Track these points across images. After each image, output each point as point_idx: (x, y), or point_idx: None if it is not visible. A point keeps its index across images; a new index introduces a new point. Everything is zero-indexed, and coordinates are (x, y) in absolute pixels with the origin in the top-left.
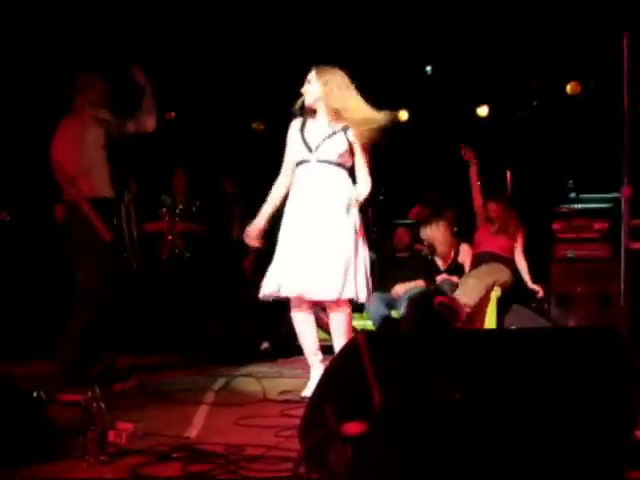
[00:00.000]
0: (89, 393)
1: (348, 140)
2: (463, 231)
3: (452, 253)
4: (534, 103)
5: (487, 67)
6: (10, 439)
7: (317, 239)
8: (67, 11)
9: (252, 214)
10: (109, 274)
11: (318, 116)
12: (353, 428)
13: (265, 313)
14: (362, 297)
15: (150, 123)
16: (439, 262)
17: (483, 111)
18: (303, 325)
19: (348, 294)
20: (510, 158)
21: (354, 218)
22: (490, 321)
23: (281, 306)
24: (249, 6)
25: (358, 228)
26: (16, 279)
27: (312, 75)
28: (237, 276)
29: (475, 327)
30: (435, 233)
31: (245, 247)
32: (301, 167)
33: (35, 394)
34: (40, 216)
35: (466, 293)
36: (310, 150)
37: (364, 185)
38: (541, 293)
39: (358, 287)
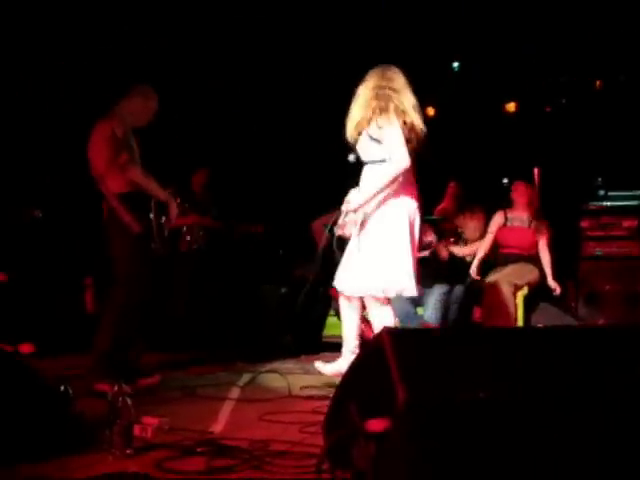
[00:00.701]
0: (115, 388)
1: (369, 137)
2: None
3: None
4: (563, 99)
5: (514, 63)
6: (36, 431)
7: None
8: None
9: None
10: (139, 265)
11: None
12: (376, 425)
13: (288, 309)
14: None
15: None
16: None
17: (511, 107)
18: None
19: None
20: (538, 155)
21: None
22: (518, 319)
23: (303, 302)
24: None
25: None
26: (48, 276)
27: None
28: (259, 271)
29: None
30: (474, 223)
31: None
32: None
33: (62, 388)
34: (73, 213)
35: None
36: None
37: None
38: (558, 290)
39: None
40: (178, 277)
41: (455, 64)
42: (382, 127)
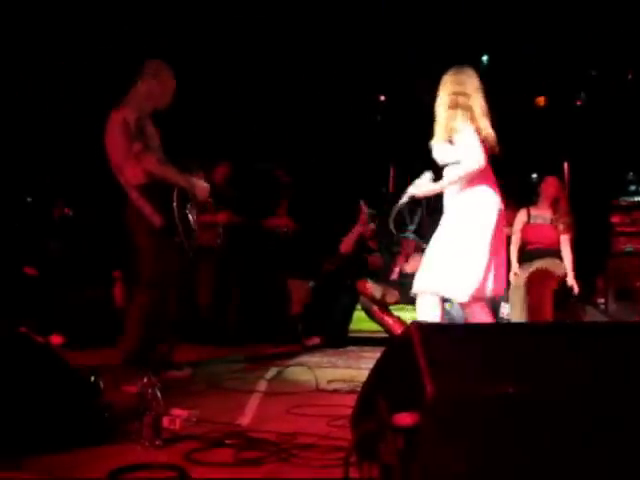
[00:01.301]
0: (145, 379)
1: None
2: None
3: None
4: (593, 93)
5: (545, 56)
6: (66, 421)
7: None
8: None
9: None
10: (163, 261)
11: None
12: (405, 419)
13: (316, 306)
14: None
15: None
16: None
17: (541, 101)
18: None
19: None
20: (568, 149)
21: (466, 210)
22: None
23: (331, 298)
24: None
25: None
26: (78, 270)
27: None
28: (284, 267)
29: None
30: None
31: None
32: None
33: (92, 379)
34: (102, 207)
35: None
36: None
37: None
38: (576, 290)
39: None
40: (204, 272)
41: (484, 58)
42: (457, 131)
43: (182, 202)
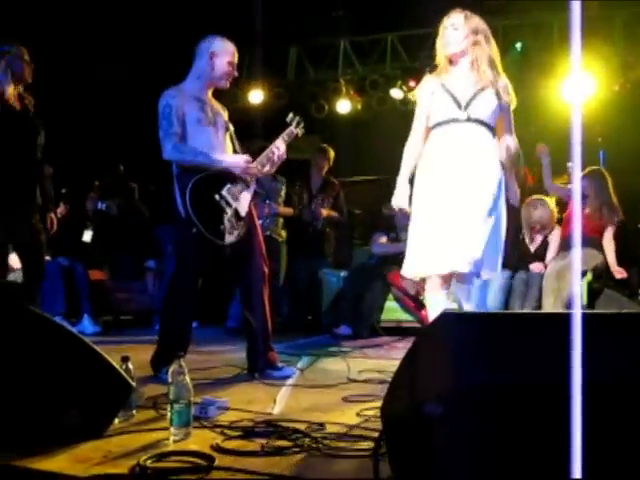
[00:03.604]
0: (175, 367)
1: (497, 98)
2: None
3: (544, 235)
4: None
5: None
6: (97, 409)
7: (471, 208)
8: None
9: None
10: (187, 250)
11: (460, 69)
12: (434, 409)
13: (347, 295)
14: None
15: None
16: (530, 244)
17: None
18: (442, 300)
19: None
20: (605, 136)
21: (502, 186)
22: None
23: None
24: None
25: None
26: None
27: (459, 21)
28: (317, 259)
29: None
30: (543, 214)
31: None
32: (445, 127)
33: (124, 367)
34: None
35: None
36: (460, 107)
37: (512, 142)
38: (624, 274)
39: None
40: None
41: (518, 45)
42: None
43: (212, 189)
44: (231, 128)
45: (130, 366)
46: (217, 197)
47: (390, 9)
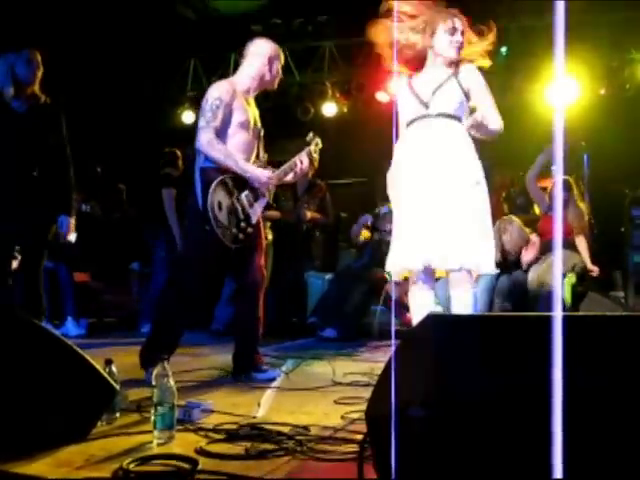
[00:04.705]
0: (159, 369)
1: (462, 87)
2: None
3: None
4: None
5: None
6: (79, 413)
7: (449, 201)
8: None
9: None
10: (191, 250)
11: (425, 67)
12: (419, 412)
13: (331, 298)
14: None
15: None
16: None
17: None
18: (425, 303)
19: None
20: (588, 140)
21: (480, 171)
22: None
23: (346, 291)
24: None
25: (484, 182)
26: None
27: (419, 22)
28: (303, 261)
29: None
30: (513, 236)
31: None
32: (414, 124)
33: (107, 370)
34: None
35: None
36: (425, 105)
37: (495, 120)
38: (596, 271)
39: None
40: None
41: (503, 49)
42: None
43: (233, 192)
44: (262, 132)
45: (114, 369)
46: (235, 200)
47: (375, 13)
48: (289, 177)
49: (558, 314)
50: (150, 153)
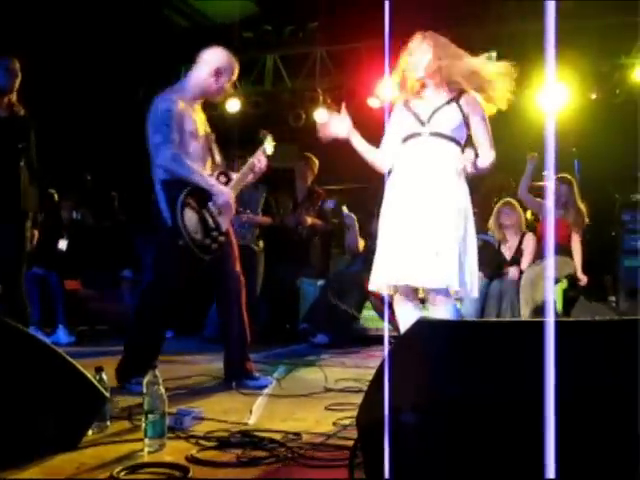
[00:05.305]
0: (150, 377)
1: (462, 111)
2: None
3: (518, 241)
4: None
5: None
6: (70, 420)
7: (430, 221)
8: None
9: None
10: (166, 263)
11: (426, 91)
12: (410, 418)
13: (324, 304)
14: (474, 291)
15: None
16: (506, 252)
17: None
18: (408, 318)
19: (456, 284)
20: (578, 145)
21: (467, 198)
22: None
23: (338, 297)
24: None
25: (469, 210)
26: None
27: (416, 45)
28: (302, 267)
29: None
30: (513, 218)
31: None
32: (409, 142)
33: (97, 377)
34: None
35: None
36: (422, 123)
37: (485, 155)
38: (584, 282)
39: (468, 278)
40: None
41: (493, 54)
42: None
43: (200, 203)
44: (213, 137)
45: (104, 377)
46: (204, 211)
47: (365, 19)
48: (249, 177)
49: (550, 319)
50: (142, 160)
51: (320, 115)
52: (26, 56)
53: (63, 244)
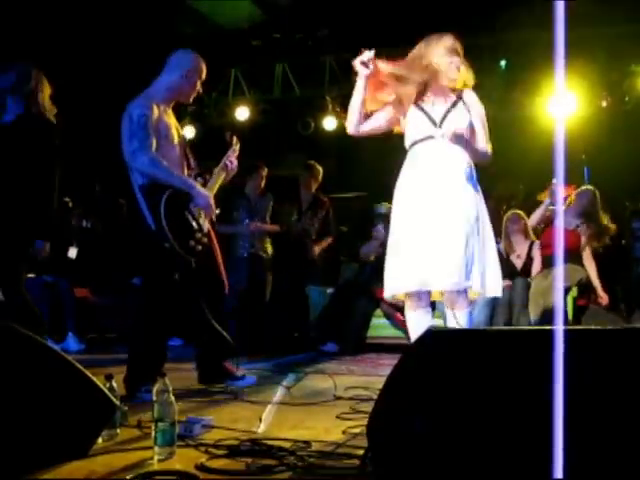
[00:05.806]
0: (160, 385)
1: (467, 111)
2: None
3: (527, 250)
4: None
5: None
6: (79, 428)
7: (449, 224)
8: None
9: None
10: (155, 269)
11: (432, 90)
12: (421, 427)
13: (333, 312)
14: (497, 291)
15: None
16: (515, 260)
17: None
18: (422, 324)
19: (478, 285)
20: (589, 154)
21: (482, 200)
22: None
23: (348, 305)
24: None
25: (485, 212)
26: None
27: (419, 52)
28: (305, 274)
29: None
30: (522, 226)
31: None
32: (422, 144)
33: (108, 385)
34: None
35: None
36: (435, 124)
37: (482, 147)
38: (605, 302)
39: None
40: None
41: (502, 62)
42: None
43: (181, 205)
44: (187, 141)
45: (114, 384)
46: (186, 213)
47: (375, 28)
48: (222, 177)
49: (559, 327)
50: None
51: (329, 122)
52: (37, 65)
53: (73, 252)
